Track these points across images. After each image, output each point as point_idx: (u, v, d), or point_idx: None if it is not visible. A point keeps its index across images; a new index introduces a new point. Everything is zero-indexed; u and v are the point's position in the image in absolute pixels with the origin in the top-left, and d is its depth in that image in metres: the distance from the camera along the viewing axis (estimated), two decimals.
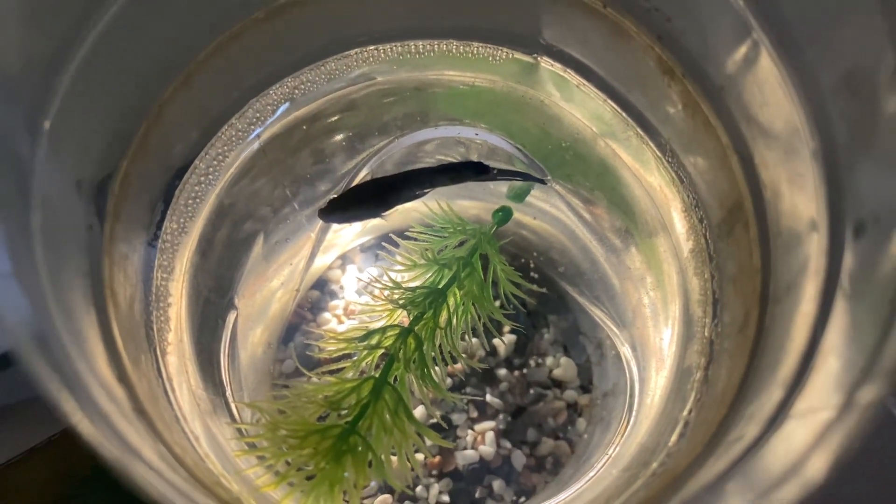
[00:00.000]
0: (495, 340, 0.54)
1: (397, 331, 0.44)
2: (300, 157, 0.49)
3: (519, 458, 0.51)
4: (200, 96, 0.41)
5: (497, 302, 0.51)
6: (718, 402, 0.33)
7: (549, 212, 0.52)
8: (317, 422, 0.41)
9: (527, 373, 0.54)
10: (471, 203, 0.54)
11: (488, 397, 0.53)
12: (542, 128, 0.49)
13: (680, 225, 0.43)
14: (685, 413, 0.37)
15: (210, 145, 0.44)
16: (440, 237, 0.49)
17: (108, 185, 0.36)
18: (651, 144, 0.43)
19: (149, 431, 0.31)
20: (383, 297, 0.47)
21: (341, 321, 0.55)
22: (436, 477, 0.51)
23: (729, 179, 0.37)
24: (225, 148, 0.44)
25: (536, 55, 0.45)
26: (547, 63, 0.45)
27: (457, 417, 0.52)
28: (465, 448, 0.51)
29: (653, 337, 0.47)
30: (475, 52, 0.46)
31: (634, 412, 0.46)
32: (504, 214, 0.50)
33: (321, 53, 0.45)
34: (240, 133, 0.45)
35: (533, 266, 0.56)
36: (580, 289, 0.54)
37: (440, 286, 0.47)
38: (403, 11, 0.45)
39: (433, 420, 0.51)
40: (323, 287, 0.56)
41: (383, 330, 0.44)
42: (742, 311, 0.35)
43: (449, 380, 0.53)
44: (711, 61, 0.36)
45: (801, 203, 0.30)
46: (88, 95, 0.33)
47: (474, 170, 0.47)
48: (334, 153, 0.50)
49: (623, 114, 0.44)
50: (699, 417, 0.36)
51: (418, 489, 0.50)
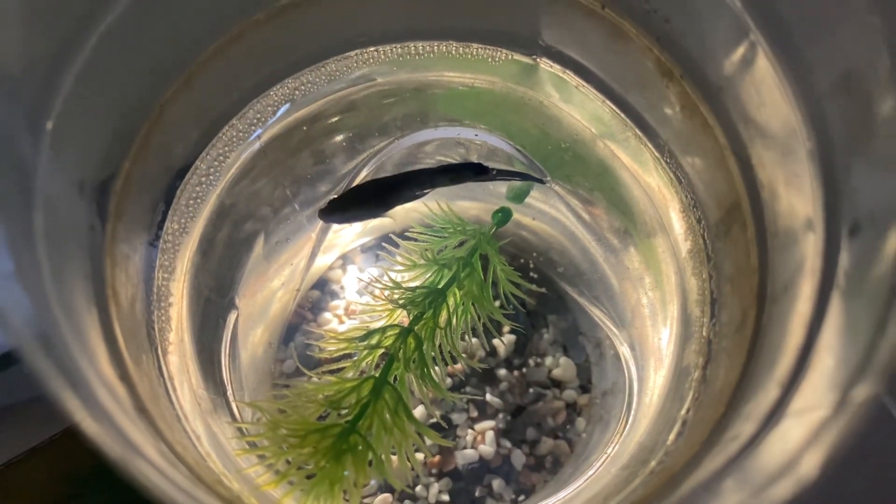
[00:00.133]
0: (495, 340, 0.54)
1: (397, 330, 0.44)
2: (301, 158, 0.49)
3: (518, 458, 0.51)
4: (201, 97, 0.41)
5: (497, 302, 0.51)
6: (716, 401, 0.34)
7: (549, 212, 0.52)
8: (317, 421, 0.41)
9: (526, 372, 0.54)
10: (471, 204, 0.54)
11: (488, 397, 0.53)
12: (542, 129, 0.49)
13: (678, 225, 0.43)
14: (683, 412, 0.37)
15: (211, 146, 0.44)
16: (440, 237, 0.49)
17: (110, 186, 0.36)
18: (649, 145, 0.43)
19: (150, 430, 0.31)
20: (384, 297, 0.47)
21: (342, 321, 0.55)
22: (436, 476, 0.51)
23: (727, 180, 0.37)
24: (226, 148, 0.44)
25: (536, 56, 0.45)
26: (546, 64, 0.45)
27: (457, 417, 0.52)
28: (465, 447, 0.51)
29: (651, 336, 0.47)
30: (475, 54, 0.46)
31: (633, 411, 0.46)
32: (504, 215, 0.50)
33: (321, 55, 0.45)
34: (240, 134, 0.45)
35: (532, 266, 0.56)
36: (579, 289, 0.54)
37: (440, 286, 0.47)
38: (403, 13, 0.45)
39: (433, 420, 0.51)
40: (323, 287, 0.56)
41: (383, 330, 0.44)
42: (739, 311, 0.36)
43: (449, 380, 0.53)
44: (709, 63, 0.36)
45: (798, 203, 0.30)
46: (90, 96, 0.33)
47: (474, 170, 0.47)
48: (334, 154, 0.50)
49: (622, 115, 0.44)
50: (697, 416, 0.36)
51: (418, 488, 0.50)
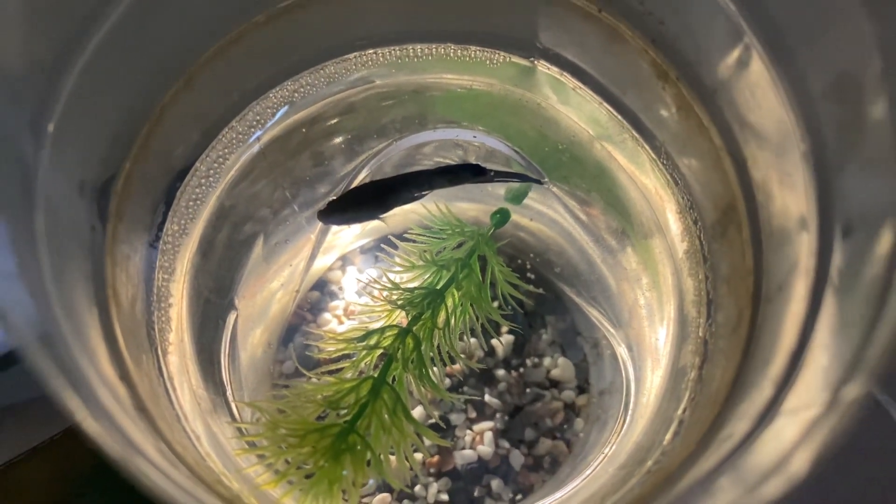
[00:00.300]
0: (493, 341, 0.54)
1: (396, 331, 0.44)
2: (300, 160, 0.49)
3: (517, 458, 0.51)
4: (201, 99, 0.41)
5: (495, 303, 0.51)
6: (712, 401, 0.34)
7: (547, 214, 0.53)
8: (316, 421, 0.41)
9: (524, 373, 0.54)
10: (469, 205, 0.54)
11: (486, 397, 0.53)
12: (539, 130, 0.49)
13: (675, 226, 0.43)
14: (680, 412, 0.37)
15: (211, 148, 0.44)
16: (439, 239, 0.49)
17: (111, 187, 0.36)
18: (646, 147, 0.44)
19: (150, 430, 0.31)
20: (383, 298, 0.47)
21: (341, 322, 0.55)
22: (434, 476, 0.51)
23: (722, 181, 0.37)
24: (225, 150, 0.45)
25: (533, 59, 0.45)
26: (544, 66, 0.46)
27: (455, 417, 0.52)
28: (464, 448, 0.51)
29: (648, 337, 0.47)
30: (473, 56, 0.46)
31: (630, 411, 0.46)
32: (502, 216, 0.50)
33: (320, 57, 0.45)
34: (240, 136, 0.45)
35: (530, 267, 0.56)
36: (577, 289, 0.54)
37: (438, 287, 0.47)
38: (402, 15, 0.45)
39: (432, 420, 0.51)
40: (323, 288, 0.56)
41: (382, 330, 0.45)
42: (735, 311, 0.36)
43: (447, 380, 0.53)
44: (705, 65, 0.36)
45: (792, 204, 0.31)
46: (91, 98, 0.33)
47: (472, 172, 0.47)
48: (333, 156, 0.50)
49: (619, 116, 0.44)
50: (693, 416, 0.36)
51: (417, 488, 0.50)
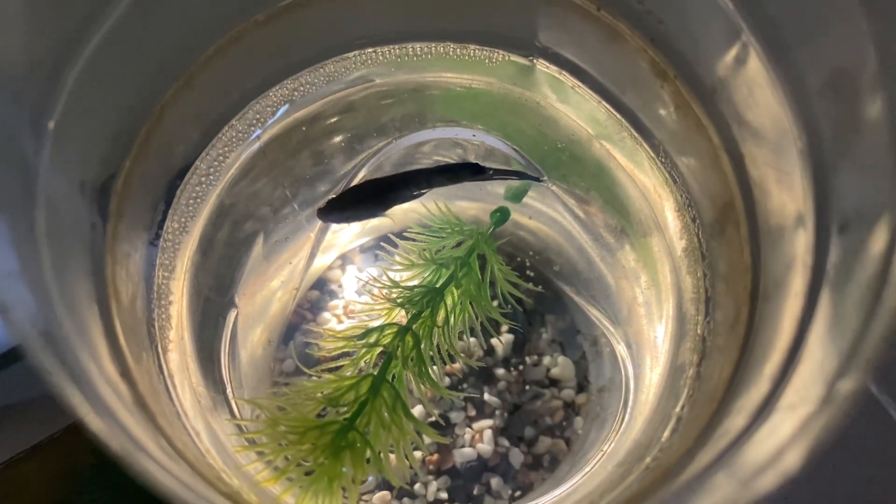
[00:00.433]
0: (493, 340, 0.54)
1: (395, 329, 0.45)
2: (300, 158, 0.49)
3: (517, 456, 0.51)
4: (201, 98, 0.41)
5: (495, 302, 0.52)
6: (710, 398, 0.34)
7: (546, 212, 0.53)
8: (316, 418, 0.42)
9: (524, 371, 0.54)
10: (469, 204, 0.54)
11: (486, 396, 0.53)
12: (539, 129, 0.49)
13: (673, 224, 0.43)
14: (678, 409, 0.38)
15: (211, 146, 0.44)
16: (438, 237, 0.49)
17: (111, 185, 0.37)
18: (645, 145, 0.44)
19: (151, 426, 0.31)
20: (382, 297, 0.47)
21: (341, 321, 0.55)
22: (434, 474, 0.51)
23: (720, 179, 0.37)
24: (225, 149, 0.45)
25: (532, 57, 0.46)
26: (543, 65, 0.46)
27: (455, 416, 0.52)
28: (464, 446, 0.51)
29: (647, 334, 0.47)
30: (472, 55, 0.46)
31: (630, 409, 0.46)
32: (502, 215, 0.50)
33: (320, 56, 0.46)
34: (240, 134, 0.45)
35: (529, 265, 0.56)
36: (576, 287, 0.54)
37: (438, 285, 0.47)
38: (401, 14, 0.45)
39: (431, 418, 0.51)
40: (323, 287, 0.57)
41: (381, 328, 0.45)
42: (733, 309, 0.36)
43: (447, 379, 0.53)
44: (703, 63, 0.36)
45: (790, 201, 0.31)
46: (92, 97, 0.33)
47: (471, 170, 0.47)
48: (333, 154, 0.50)
49: (617, 115, 0.44)
50: (691, 413, 0.36)
51: (417, 486, 0.50)
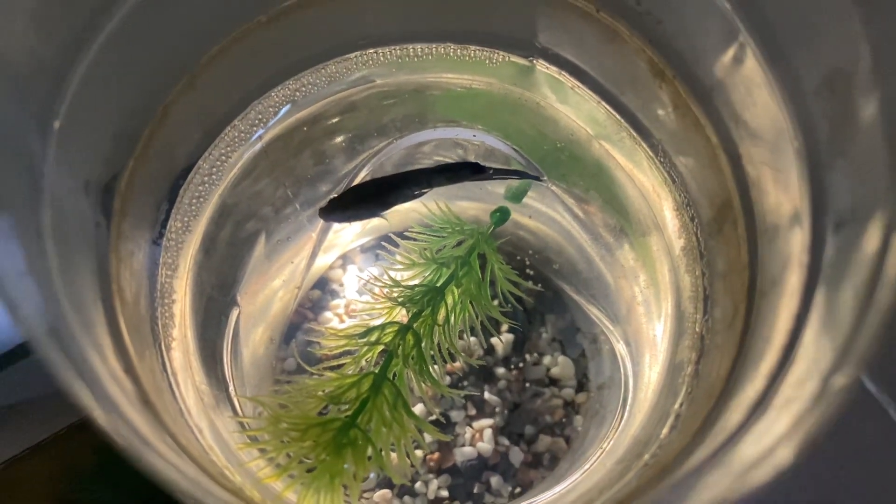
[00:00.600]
0: (493, 339, 0.54)
1: (396, 327, 0.45)
2: (301, 158, 0.50)
3: (517, 455, 0.52)
4: (204, 98, 0.42)
5: (495, 301, 0.52)
6: (708, 395, 0.34)
7: (545, 212, 0.53)
8: (318, 416, 0.42)
9: (524, 370, 0.54)
10: (469, 204, 0.54)
11: (486, 395, 0.53)
12: (538, 129, 0.50)
13: (672, 223, 0.44)
14: (676, 406, 0.38)
15: (213, 146, 0.44)
16: (439, 237, 0.49)
17: (115, 184, 0.37)
18: (644, 145, 0.44)
19: (156, 422, 0.32)
20: (383, 296, 0.47)
21: (342, 320, 0.55)
22: (434, 473, 0.51)
23: (718, 178, 0.38)
24: (228, 149, 0.45)
25: (532, 58, 0.46)
26: (542, 66, 0.46)
27: (455, 415, 0.53)
28: (464, 445, 0.52)
29: (646, 333, 0.47)
30: (472, 56, 0.46)
31: (629, 406, 0.46)
32: (502, 215, 0.50)
33: (322, 56, 0.46)
34: (242, 134, 0.45)
35: (528, 264, 0.57)
36: (575, 287, 0.54)
37: (438, 285, 0.47)
38: (402, 16, 0.46)
39: (432, 417, 0.52)
40: (324, 286, 0.57)
41: (382, 327, 0.45)
42: (731, 307, 0.36)
43: (448, 378, 0.53)
44: (701, 63, 0.37)
45: (786, 200, 0.31)
46: (96, 97, 0.33)
47: (471, 169, 0.48)
48: (335, 154, 0.51)
49: (616, 115, 0.45)
50: (689, 410, 0.36)
51: (417, 484, 0.50)
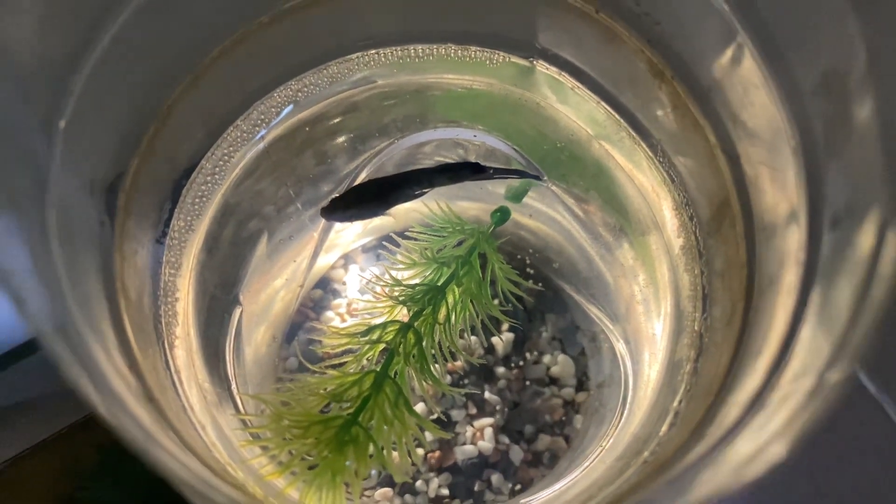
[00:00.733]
0: (493, 338, 0.54)
1: (397, 326, 0.45)
2: (303, 158, 0.50)
3: (517, 453, 0.52)
4: (207, 98, 0.42)
5: (495, 300, 0.52)
6: (706, 392, 0.34)
7: (546, 211, 0.53)
8: (319, 413, 0.42)
9: (524, 369, 0.54)
10: (470, 204, 0.54)
11: (487, 394, 0.53)
12: (538, 129, 0.50)
13: (671, 222, 0.44)
14: (675, 404, 0.38)
15: (216, 146, 0.45)
16: (439, 237, 0.49)
17: (119, 184, 0.37)
18: (643, 145, 0.44)
19: (161, 419, 0.32)
20: (385, 295, 0.48)
21: (344, 319, 0.56)
22: (435, 471, 0.51)
23: (717, 178, 0.38)
24: (230, 148, 0.45)
25: (532, 59, 0.46)
26: (542, 66, 0.46)
27: (456, 413, 0.53)
28: (465, 443, 0.52)
29: (645, 331, 0.47)
30: (473, 56, 0.47)
31: (628, 404, 0.47)
32: (502, 215, 0.51)
33: (324, 57, 0.46)
34: (245, 134, 0.46)
35: (529, 264, 0.57)
36: (575, 286, 0.55)
37: (439, 284, 0.47)
38: (403, 17, 0.46)
39: (433, 416, 0.52)
40: (326, 286, 0.57)
41: (384, 325, 0.45)
42: (729, 305, 0.36)
43: (448, 377, 0.53)
44: (699, 64, 0.37)
45: (783, 199, 0.31)
46: (101, 97, 0.34)
47: (471, 169, 0.48)
48: (336, 154, 0.51)
49: (616, 115, 0.45)
50: (688, 407, 0.37)
51: (418, 483, 0.51)
